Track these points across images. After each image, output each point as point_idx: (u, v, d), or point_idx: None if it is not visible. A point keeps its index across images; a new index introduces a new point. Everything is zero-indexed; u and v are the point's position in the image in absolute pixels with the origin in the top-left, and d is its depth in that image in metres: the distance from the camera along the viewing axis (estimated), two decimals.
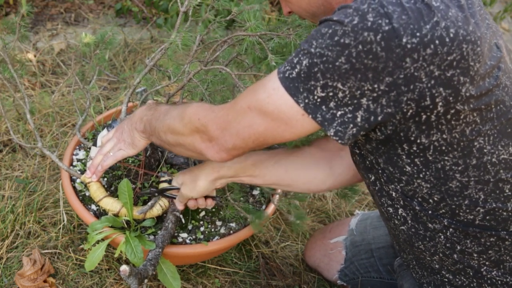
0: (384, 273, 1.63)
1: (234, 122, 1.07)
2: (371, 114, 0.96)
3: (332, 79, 0.93)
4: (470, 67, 0.94)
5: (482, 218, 1.09)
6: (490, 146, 1.03)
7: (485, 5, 2.95)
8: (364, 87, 0.93)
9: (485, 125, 1.00)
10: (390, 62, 0.90)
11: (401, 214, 1.17)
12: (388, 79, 0.92)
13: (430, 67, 0.91)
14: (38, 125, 2.11)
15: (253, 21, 1.27)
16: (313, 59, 0.94)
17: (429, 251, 1.18)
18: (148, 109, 1.35)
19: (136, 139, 1.38)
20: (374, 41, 0.90)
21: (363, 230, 1.68)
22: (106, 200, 1.46)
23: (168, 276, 1.39)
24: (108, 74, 1.76)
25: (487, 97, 0.99)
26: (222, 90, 1.50)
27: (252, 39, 1.30)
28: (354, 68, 0.92)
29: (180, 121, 1.19)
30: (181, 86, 1.44)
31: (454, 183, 1.06)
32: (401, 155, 1.05)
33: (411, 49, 0.90)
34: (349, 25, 0.91)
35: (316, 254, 1.73)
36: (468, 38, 0.93)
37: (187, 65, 1.41)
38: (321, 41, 0.94)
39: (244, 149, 1.11)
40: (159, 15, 2.78)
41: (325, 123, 0.98)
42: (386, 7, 0.90)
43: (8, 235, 1.68)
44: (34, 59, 2.48)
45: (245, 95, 1.07)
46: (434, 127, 0.99)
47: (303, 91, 0.96)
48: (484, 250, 1.12)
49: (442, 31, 0.91)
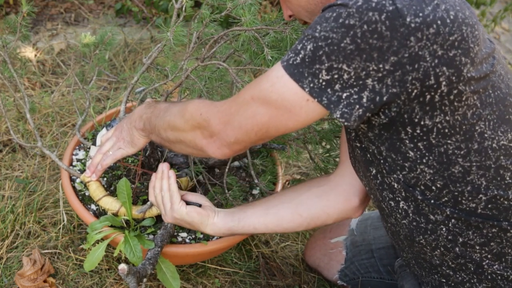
0: (385, 274, 1.62)
1: (236, 114, 1.07)
2: (377, 94, 0.97)
3: (337, 60, 0.95)
4: (470, 48, 0.97)
5: (484, 206, 1.09)
6: (490, 131, 1.05)
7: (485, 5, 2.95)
8: (369, 67, 0.94)
9: (485, 109, 1.03)
10: (395, 41, 0.93)
11: (403, 207, 1.17)
12: (393, 59, 0.94)
13: (433, 46, 0.94)
14: (38, 125, 2.11)
15: (249, 15, 1.27)
16: (318, 43, 0.96)
17: (430, 245, 1.18)
18: (147, 107, 1.35)
19: (135, 138, 1.38)
20: (379, 20, 0.92)
21: (363, 230, 1.67)
22: (106, 199, 1.46)
23: (168, 275, 1.39)
24: (108, 74, 1.76)
25: (485, 81, 1.01)
26: (220, 86, 1.50)
27: (248, 34, 1.30)
28: (360, 48, 0.93)
29: (181, 118, 1.18)
30: (179, 83, 1.44)
31: (457, 168, 1.07)
32: (404, 139, 1.06)
33: (415, 28, 0.92)
34: (353, 7, 0.93)
35: (316, 254, 1.73)
36: (467, 21, 0.97)
37: (184, 61, 1.41)
38: (326, 24, 0.95)
39: (246, 143, 1.11)
40: (159, 15, 2.79)
41: (331, 105, 0.99)
42: None
43: (8, 235, 1.68)
44: (34, 59, 2.48)
45: (248, 87, 1.07)
46: (438, 108, 1.00)
47: (308, 75, 0.97)
48: (486, 241, 1.12)
49: (443, 13, 0.94)
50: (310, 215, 1.34)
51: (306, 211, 1.34)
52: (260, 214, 1.35)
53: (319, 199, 1.34)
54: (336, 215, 1.35)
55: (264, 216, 1.35)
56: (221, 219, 1.35)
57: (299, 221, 1.35)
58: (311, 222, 1.36)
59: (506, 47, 3.41)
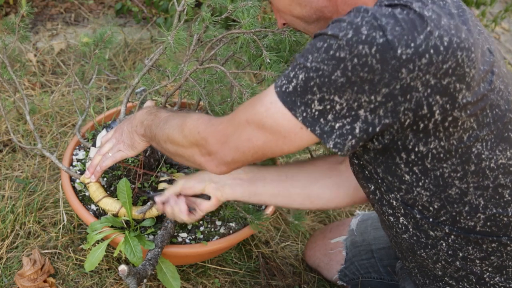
0: (385, 274, 1.62)
1: (233, 136, 1.08)
2: (369, 125, 0.96)
3: (328, 92, 0.94)
4: (466, 73, 0.94)
5: (483, 224, 1.09)
6: (488, 152, 1.03)
7: (485, 5, 2.95)
8: (361, 99, 0.93)
9: (482, 131, 1.01)
10: (386, 73, 0.91)
11: (402, 222, 1.17)
12: (385, 90, 0.92)
13: (426, 76, 0.92)
14: (38, 125, 2.11)
15: (247, 18, 1.27)
16: (309, 73, 0.95)
17: (431, 258, 1.18)
18: (148, 113, 1.35)
19: (136, 142, 1.38)
20: (369, 53, 0.90)
21: (363, 230, 1.67)
22: (106, 200, 1.46)
23: (168, 276, 1.39)
24: (108, 74, 1.76)
25: (483, 102, 0.99)
26: (220, 89, 1.50)
27: (246, 37, 1.30)
28: (350, 81, 0.92)
29: (179, 133, 1.19)
30: (178, 86, 1.44)
31: (454, 190, 1.06)
32: (400, 164, 1.06)
33: (406, 59, 0.90)
34: (343, 39, 0.91)
35: (316, 254, 1.73)
36: (462, 45, 0.93)
37: (184, 64, 1.41)
38: (317, 55, 0.94)
39: (243, 162, 1.12)
40: (159, 15, 2.78)
41: (324, 135, 0.98)
42: (379, 20, 0.91)
43: (8, 235, 1.68)
44: (34, 59, 2.48)
45: (243, 109, 1.07)
46: (432, 135, 0.99)
47: (301, 104, 0.97)
48: (486, 256, 1.12)
49: (436, 40, 0.91)
50: (320, 204, 1.38)
51: (317, 199, 1.37)
52: (271, 193, 1.37)
53: (330, 191, 1.36)
54: (345, 204, 1.39)
55: (276, 196, 1.37)
56: (230, 194, 1.37)
57: (309, 206, 1.39)
58: (320, 208, 1.41)
59: (506, 47, 3.41)
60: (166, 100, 1.53)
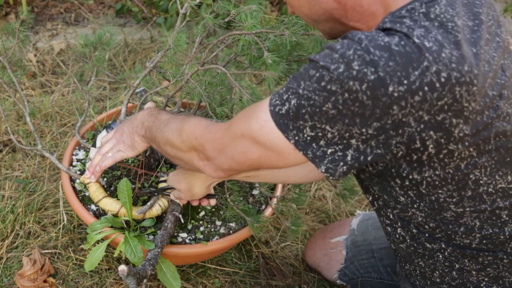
0: (385, 274, 1.62)
1: (229, 146, 1.08)
2: (361, 154, 0.95)
3: (320, 121, 0.93)
4: (464, 108, 0.90)
5: (478, 242, 1.09)
6: (486, 177, 1.01)
7: None
8: (352, 130, 0.92)
9: (481, 158, 0.98)
10: (377, 109, 0.89)
11: (400, 233, 1.17)
12: (376, 124, 0.90)
13: (419, 112, 0.89)
14: (38, 125, 2.11)
15: (250, 20, 1.27)
16: (301, 101, 0.94)
17: (429, 267, 1.19)
18: (149, 115, 1.35)
19: (136, 142, 1.38)
20: (359, 90, 0.88)
21: (364, 230, 1.68)
22: (106, 201, 1.46)
23: (168, 276, 1.39)
24: (108, 74, 1.76)
25: (486, 131, 0.96)
26: (220, 90, 1.50)
27: (248, 38, 1.30)
28: (341, 113, 0.91)
29: (178, 137, 1.19)
30: (179, 88, 1.44)
31: (449, 213, 1.05)
32: (394, 187, 1.05)
33: (398, 97, 0.87)
34: (334, 73, 0.89)
35: (316, 254, 1.73)
36: (462, 80, 0.88)
37: (185, 66, 1.41)
38: (309, 83, 0.93)
39: (240, 171, 1.12)
40: (159, 15, 2.78)
41: (316, 159, 0.97)
42: (372, 54, 0.87)
43: (8, 235, 1.68)
44: (34, 59, 2.48)
45: (239, 121, 1.06)
46: (426, 165, 0.98)
47: (293, 128, 0.96)
48: (483, 268, 1.12)
49: (432, 77, 0.87)
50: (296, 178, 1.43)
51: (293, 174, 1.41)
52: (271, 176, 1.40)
53: None
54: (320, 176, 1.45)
55: (275, 177, 1.42)
56: None
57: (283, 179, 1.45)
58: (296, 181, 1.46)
59: None
60: (167, 101, 1.53)
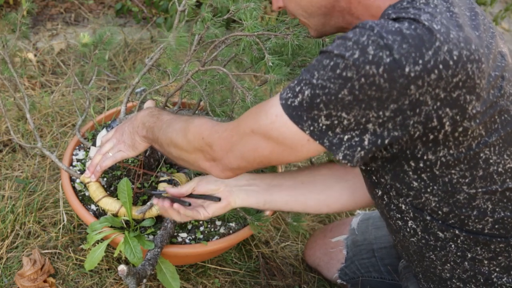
0: (385, 274, 1.62)
1: (238, 144, 1.07)
2: (378, 137, 0.96)
3: (335, 109, 0.93)
4: (476, 85, 0.94)
5: (491, 227, 1.09)
6: (495, 156, 1.03)
7: (485, 5, 2.95)
8: (369, 115, 0.93)
9: (490, 137, 1.00)
10: (394, 91, 0.90)
11: (411, 226, 1.17)
12: (393, 106, 0.92)
13: (435, 90, 0.91)
14: (38, 125, 2.11)
15: (250, 20, 1.27)
16: (315, 90, 0.94)
17: (440, 260, 1.18)
18: (150, 115, 1.34)
19: (137, 142, 1.38)
20: (376, 73, 0.89)
21: (364, 229, 1.68)
22: (105, 200, 1.46)
23: (168, 276, 1.39)
24: (108, 74, 1.76)
25: (491, 109, 0.99)
26: (221, 90, 1.50)
27: (249, 39, 1.30)
28: (358, 99, 0.91)
29: (183, 137, 1.18)
30: (179, 87, 1.44)
31: (462, 195, 1.06)
32: (408, 171, 1.06)
33: (414, 77, 0.89)
34: (350, 59, 0.90)
35: (316, 253, 1.73)
36: (472, 58, 0.92)
37: (185, 64, 1.41)
38: (323, 72, 0.93)
39: (248, 169, 1.12)
40: (159, 15, 2.78)
41: (332, 147, 0.98)
42: (385, 38, 0.90)
43: (8, 235, 1.68)
44: (34, 59, 2.48)
45: (248, 118, 1.06)
46: (441, 144, 0.99)
47: (307, 119, 0.96)
48: (494, 256, 1.12)
49: (445, 55, 0.90)
50: (337, 207, 1.38)
51: (335, 203, 1.37)
52: (287, 200, 1.36)
53: (347, 194, 1.36)
54: (363, 205, 1.39)
55: (291, 203, 1.36)
56: (243, 200, 1.34)
57: (325, 210, 1.39)
58: (337, 211, 1.40)
59: None
60: (166, 100, 1.53)
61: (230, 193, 1.33)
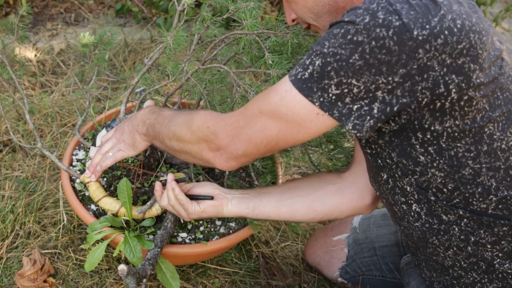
0: (387, 272, 1.63)
1: (245, 127, 1.08)
2: (387, 105, 0.99)
3: (346, 76, 0.96)
4: (479, 55, 0.98)
5: (494, 207, 1.11)
6: (499, 133, 1.06)
7: (485, 5, 2.95)
8: (378, 80, 0.96)
9: (494, 112, 1.04)
10: (403, 54, 0.94)
11: (415, 209, 1.18)
12: (402, 71, 0.95)
13: (442, 55, 0.95)
14: (38, 125, 2.11)
15: (250, 19, 1.27)
16: (326, 59, 0.97)
17: (443, 245, 1.19)
18: (150, 112, 1.34)
19: (137, 141, 1.38)
20: (386, 36, 0.94)
21: (366, 228, 1.68)
22: (105, 200, 1.46)
23: (168, 276, 1.39)
24: (108, 74, 1.77)
25: (493, 84, 1.02)
26: (220, 89, 1.50)
27: (249, 38, 1.30)
28: (368, 63, 0.95)
29: (187, 129, 1.19)
30: (179, 86, 1.44)
31: (467, 170, 1.08)
32: (415, 144, 1.07)
33: (422, 40, 0.94)
34: (361, 24, 0.95)
35: (317, 252, 1.73)
36: (474, 28, 0.98)
37: (185, 64, 1.41)
38: (334, 40, 0.97)
39: (254, 155, 1.12)
40: (159, 15, 2.79)
41: (342, 118, 1.00)
42: (394, 5, 0.95)
43: (8, 235, 1.68)
44: (34, 59, 2.48)
45: (256, 100, 1.08)
46: (448, 114, 1.02)
47: (317, 90, 0.99)
48: (497, 240, 1.14)
49: (449, 23, 0.96)
50: (324, 211, 1.37)
51: (321, 207, 1.36)
52: (275, 204, 1.37)
53: (334, 197, 1.36)
54: (349, 212, 1.38)
55: (279, 208, 1.37)
56: (235, 206, 1.36)
57: (312, 215, 1.38)
58: (324, 216, 1.39)
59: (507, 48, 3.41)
60: (166, 99, 1.52)
61: (224, 197, 1.36)
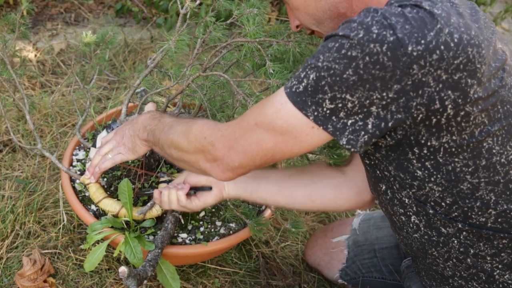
0: (387, 274, 1.63)
1: (241, 139, 1.08)
2: (382, 120, 0.97)
3: (340, 91, 0.95)
4: (477, 69, 0.96)
5: (494, 220, 1.10)
6: (498, 147, 1.04)
7: (485, 5, 2.95)
8: (372, 96, 0.94)
9: (493, 126, 1.02)
10: (397, 70, 0.92)
11: (414, 221, 1.17)
12: (396, 87, 0.93)
13: (437, 71, 0.93)
14: (38, 125, 2.11)
15: (253, 26, 1.27)
16: (320, 73, 0.96)
17: (442, 257, 1.19)
18: (152, 118, 1.34)
19: (137, 145, 1.38)
20: (380, 51, 0.92)
21: (366, 230, 1.68)
22: (106, 201, 1.46)
23: (168, 276, 1.39)
24: (108, 74, 1.76)
25: (493, 98, 1.00)
26: (221, 94, 1.50)
27: (251, 45, 1.30)
28: (362, 79, 0.93)
29: (185, 138, 1.19)
30: (180, 91, 1.43)
31: (465, 184, 1.07)
32: (412, 159, 1.06)
33: (417, 56, 0.92)
34: (355, 38, 0.93)
35: (317, 253, 1.73)
36: (472, 42, 0.95)
37: (187, 68, 1.41)
38: (328, 54, 0.96)
39: (250, 167, 1.11)
40: (159, 15, 2.78)
41: (336, 132, 0.99)
42: (389, 19, 0.93)
43: (8, 235, 1.68)
44: (34, 59, 2.48)
45: (252, 112, 1.07)
46: (444, 129, 1.00)
47: (311, 104, 0.98)
48: (497, 252, 1.13)
49: (446, 37, 0.93)
50: (322, 203, 1.37)
51: (319, 198, 1.36)
52: (273, 191, 1.37)
53: (333, 191, 1.36)
54: (347, 206, 1.39)
55: (277, 195, 1.37)
56: (232, 189, 1.38)
57: (310, 206, 1.39)
58: (321, 208, 1.40)
59: None
60: (167, 103, 1.52)
61: (221, 183, 1.37)
